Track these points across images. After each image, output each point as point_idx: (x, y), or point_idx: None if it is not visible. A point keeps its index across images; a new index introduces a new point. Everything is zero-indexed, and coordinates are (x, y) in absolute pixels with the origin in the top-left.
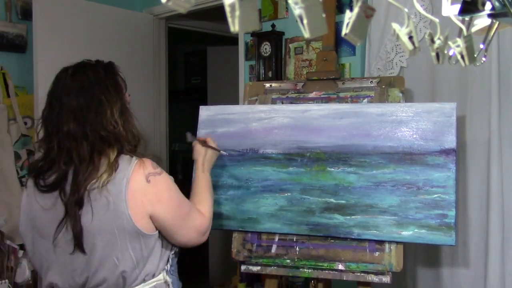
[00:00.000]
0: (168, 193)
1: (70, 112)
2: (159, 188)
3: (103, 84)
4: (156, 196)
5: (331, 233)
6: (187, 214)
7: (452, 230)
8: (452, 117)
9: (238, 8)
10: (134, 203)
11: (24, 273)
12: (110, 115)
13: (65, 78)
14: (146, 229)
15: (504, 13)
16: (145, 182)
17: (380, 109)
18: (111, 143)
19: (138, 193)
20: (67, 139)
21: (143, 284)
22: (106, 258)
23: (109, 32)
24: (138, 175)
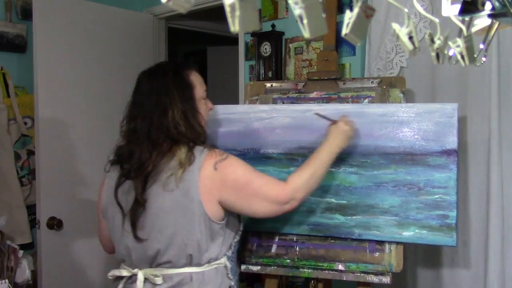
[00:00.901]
0: (233, 176)
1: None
2: (225, 172)
3: (169, 87)
4: (222, 181)
5: (332, 233)
6: (257, 190)
7: (453, 230)
8: (453, 117)
9: (238, 8)
10: (204, 190)
11: (24, 273)
12: (171, 117)
13: (142, 79)
14: (213, 215)
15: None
16: (213, 170)
17: (381, 109)
18: (176, 141)
19: (207, 180)
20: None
21: (207, 264)
22: (175, 237)
23: (109, 32)
24: (209, 164)
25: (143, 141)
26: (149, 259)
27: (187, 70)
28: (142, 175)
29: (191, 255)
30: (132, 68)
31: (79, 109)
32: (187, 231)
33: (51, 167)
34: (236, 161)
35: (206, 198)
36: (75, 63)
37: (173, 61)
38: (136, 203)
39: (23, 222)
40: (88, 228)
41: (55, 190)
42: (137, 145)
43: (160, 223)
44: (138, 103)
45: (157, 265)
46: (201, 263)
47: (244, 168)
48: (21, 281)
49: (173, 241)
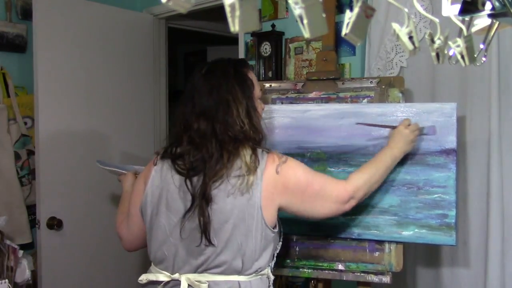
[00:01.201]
0: (294, 178)
1: (201, 111)
2: (286, 176)
3: (231, 84)
4: (283, 185)
5: (332, 233)
6: (319, 190)
7: (453, 230)
8: (452, 117)
9: (238, 8)
10: (266, 194)
11: (24, 273)
12: (236, 114)
13: (198, 78)
14: (270, 222)
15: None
16: (275, 174)
17: (380, 109)
18: (240, 141)
19: (270, 185)
20: (197, 137)
21: (254, 274)
22: (232, 241)
23: (109, 32)
24: (271, 168)
25: (209, 141)
26: (198, 264)
27: (246, 68)
28: (210, 175)
29: (243, 262)
30: (132, 68)
31: (79, 109)
32: (245, 236)
33: (51, 167)
34: (295, 163)
35: (266, 203)
36: (75, 63)
37: (230, 59)
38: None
39: (23, 222)
40: (88, 228)
41: (55, 190)
42: (202, 144)
43: (216, 226)
44: (196, 102)
45: (203, 270)
46: (250, 272)
47: (304, 169)
48: (21, 281)
49: (228, 245)
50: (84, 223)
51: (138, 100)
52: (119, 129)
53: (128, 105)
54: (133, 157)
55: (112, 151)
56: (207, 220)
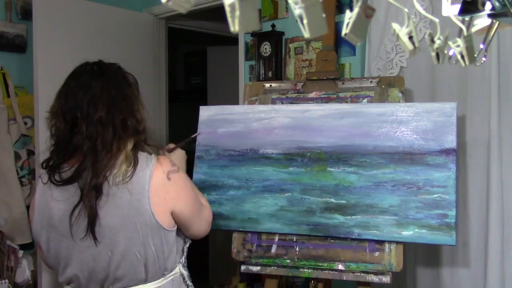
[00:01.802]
0: (186, 190)
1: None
2: (179, 185)
3: (127, 80)
4: (176, 193)
5: (332, 233)
6: (200, 208)
7: (453, 230)
8: (452, 117)
9: (238, 8)
10: (157, 199)
11: (24, 273)
12: (137, 106)
13: (91, 71)
14: (167, 225)
15: (504, 13)
16: (166, 179)
17: (380, 109)
18: (131, 133)
19: (160, 190)
20: (96, 126)
21: (162, 278)
22: (128, 254)
23: (109, 32)
24: (159, 172)
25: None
26: (100, 280)
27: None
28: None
29: (147, 271)
30: (132, 68)
31: None
32: (142, 246)
33: None
34: (186, 176)
35: (158, 209)
36: (75, 63)
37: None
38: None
39: (23, 222)
40: None
41: None
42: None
43: (108, 241)
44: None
45: (109, 285)
46: (158, 277)
47: (192, 184)
48: (21, 281)
49: (125, 258)
50: None
51: None
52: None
53: None
54: None
55: None
56: (94, 212)
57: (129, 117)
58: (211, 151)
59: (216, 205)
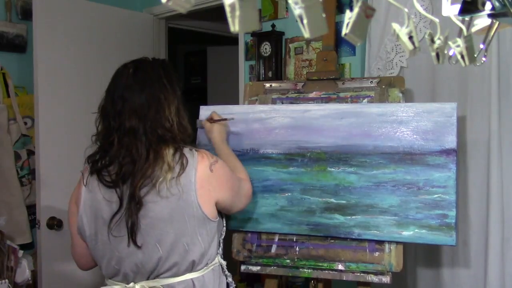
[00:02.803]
0: (226, 177)
1: (133, 109)
2: (220, 174)
3: (162, 82)
4: (218, 183)
5: (332, 233)
6: (239, 187)
7: (453, 230)
8: (452, 117)
9: (238, 8)
10: (202, 191)
11: (24, 273)
12: (168, 113)
13: (127, 75)
14: (211, 216)
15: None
16: (209, 171)
17: (380, 109)
18: (167, 140)
19: (205, 182)
20: (128, 135)
21: (205, 267)
22: (177, 244)
23: (109, 32)
24: (203, 166)
25: (139, 140)
26: (147, 271)
27: (172, 69)
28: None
29: (194, 260)
30: None
31: (79, 109)
32: (190, 237)
33: (51, 167)
34: (225, 164)
35: (204, 200)
36: (75, 63)
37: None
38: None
39: (23, 222)
40: None
41: (55, 190)
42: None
43: (158, 232)
44: (125, 98)
45: (155, 276)
46: (201, 266)
47: (230, 169)
48: (21, 281)
49: (174, 249)
50: None
51: None
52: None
53: None
54: None
55: None
56: (134, 221)
57: (158, 126)
58: (211, 151)
59: None
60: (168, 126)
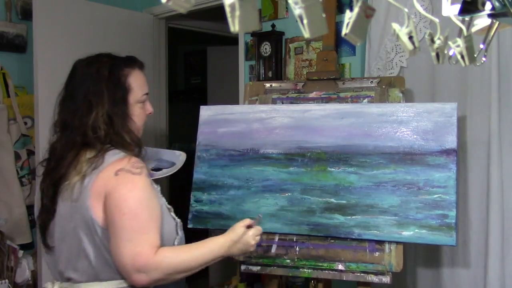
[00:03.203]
0: (129, 193)
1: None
2: (123, 183)
3: (99, 87)
4: (114, 188)
5: (332, 233)
6: (134, 232)
7: (453, 230)
8: (452, 117)
9: (238, 8)
10: (95, 193)
11: (24, 273)
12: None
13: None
14: (102, 222)
15: (504, 13)
16: (113, 174)
17: (381, 109)
18: (90, 144)
19: (101, 183)
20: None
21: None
22: (75, 249)
23: (109, 32)
24: (111, 168)
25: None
26: (60, 272)
27: (126, 70)
28: (54, 178)
29: (95, 268)
30: None
31: None
32: (86, 241)
33: None
34: (143, 184)
35: (94, 202)
36: None
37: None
38: (44, 209)
39: (23, 222)
40: None
41: None
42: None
43: (62, 232)
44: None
45: (67, 280)
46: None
47: (147, 199)
48: (21, 281)
49: (73, 252)
50: None
51: None
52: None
53: None
54: None
55: None
56: (42, 223)
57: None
58: (211, 151)
59: (216, 205)
60: (91, 131)
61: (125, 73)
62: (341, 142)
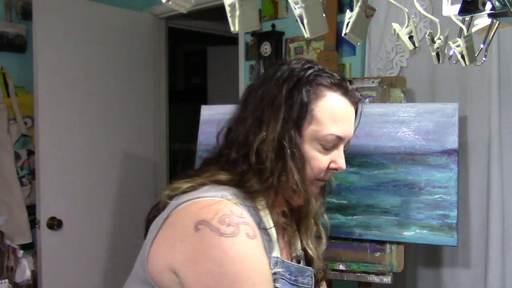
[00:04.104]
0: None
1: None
2: (206, 248)
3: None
4: (191, 255)
5: (332, 233)
6: None
7: (454, 230)
8: (454, 117)
9: (238, 8)
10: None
11: (24, 273)
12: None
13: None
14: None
15: (504, 13)
16: (192, 228)
17: (382, 109)
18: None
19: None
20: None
21: None
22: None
23: (109, 32)
24: (190, 213)
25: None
26: None
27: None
28: None
29: None
30: (132, 68)
31: (79, 109)
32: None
33: (51, 167)
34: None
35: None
36: (75, 63)
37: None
38: None
39: (23, 222)
40: (88, 228)
41: (55, 190)
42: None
43: None
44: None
45: None
46: None
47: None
48: (21, 281)
49: None
50: (84, 223)
51: (138, 100)
52: (119, 129)
53: (128, 105)
54: (133, 157)
55: (112, 151)
56: None
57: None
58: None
59: None
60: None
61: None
62: None
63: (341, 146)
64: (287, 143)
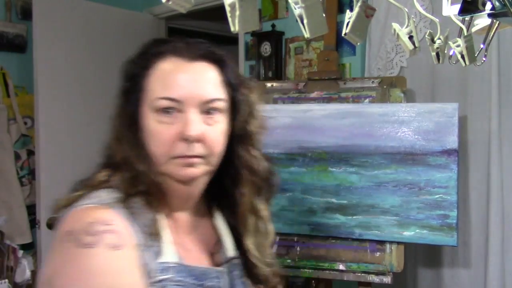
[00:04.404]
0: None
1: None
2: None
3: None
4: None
5: (333, 233)
6: None
7: (454, 230)
8: (454, 117)
9: (238, 8)
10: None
11: (24, 273)
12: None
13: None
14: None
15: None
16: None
17: (382, 109)
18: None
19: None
20: None
21: None
22: None
23: (109, 32)
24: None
25: None
26: None
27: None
28: None
29: None
30: None
31: (79, 109)
32: None
33: (51, 167)
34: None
35: None
36: (75, 63)
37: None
38: None
39: (23, 222)
40: None
41: (55, 190)
42: None
43: None
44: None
45: None
46: None
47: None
48: (21, 281)
49: None
50: None
51: None
52: None
53: None
54: None
55: None
56: None
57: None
58: None
59: None
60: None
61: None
62: (342, 142)
63: (188, 111)
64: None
